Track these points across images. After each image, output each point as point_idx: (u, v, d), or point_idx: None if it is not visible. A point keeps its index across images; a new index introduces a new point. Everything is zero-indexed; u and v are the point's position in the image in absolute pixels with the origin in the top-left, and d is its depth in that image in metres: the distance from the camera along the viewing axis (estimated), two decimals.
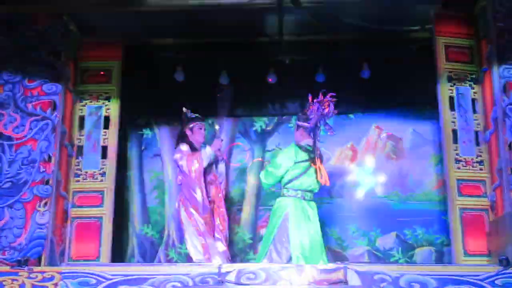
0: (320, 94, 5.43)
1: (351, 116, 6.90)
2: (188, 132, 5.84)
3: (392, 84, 6.50)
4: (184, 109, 5.94)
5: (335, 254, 6.38)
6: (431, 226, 6.42)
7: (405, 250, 6.41)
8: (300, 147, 5.49)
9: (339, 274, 3.88)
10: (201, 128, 5.90)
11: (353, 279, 3.85)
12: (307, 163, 5.41)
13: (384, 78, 6.50)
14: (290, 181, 5.39)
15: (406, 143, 6.79)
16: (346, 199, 6.69)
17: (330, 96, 5.37)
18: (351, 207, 6.66)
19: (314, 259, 4.95)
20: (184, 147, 5.71)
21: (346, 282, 3.84)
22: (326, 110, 5.41)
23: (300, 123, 5.61)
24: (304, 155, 5.41)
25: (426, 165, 6.63)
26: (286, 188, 5.40)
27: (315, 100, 5.41)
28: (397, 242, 6.47)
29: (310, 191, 5.43)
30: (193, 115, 5.92)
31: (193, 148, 5.74)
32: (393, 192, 6.64)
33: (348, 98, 6.71)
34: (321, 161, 5.46)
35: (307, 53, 6.60)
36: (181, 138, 5.85)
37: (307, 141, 5.51)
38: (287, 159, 5.44)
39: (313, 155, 5.41)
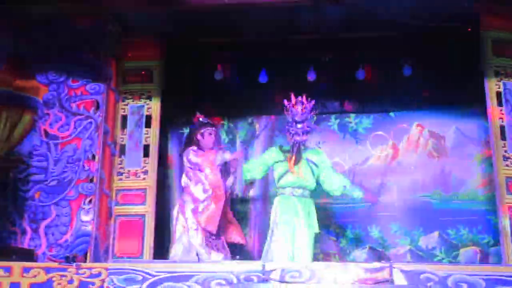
0: (292, 96, 5.68)
1: (392, 114, 6.82)
2: (199, 137, 5.91)
3: (434, 81, 6.40)
4: (197, 114, 6.03)
5: (376, 253, 6.32)
6: (476, 226, 6.30)
7: (448, 250, 6.31)
8: (281, 147, 5.86)
9: (384, 273, 3.84)
10: (211, 134, 5.93)
11: (399, 279, 3.80)
12: (285, 162, 5.64)
13: (426, 75, 6.40)
14: (278, 180, 5.67)
15: (449, 141, 6.68)
16: (387, 198, 6.60)
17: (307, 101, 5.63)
18: (392, 206, 6.57)
19: (297, 256, 5.11)
20: (195, 148, 5.83)
21: (391, 282, 3.79)
22: (296, 111, 5.66)
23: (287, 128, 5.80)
24: (284, 155, 5.70)
25: (470, 163, 6.52)
26: (277, 187, 5.71)
27: (286, 103, 5.72)
28: (440, 241, 6.37)
29: (300, 187, 5.55)
30: (206, 121, 6.00)
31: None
32: (435, 191, 6.54)
33: (389, 96, 6.67)
34: (296, 158, 5.58)
35: (347, 50, 6.53)
36: (190, 143, 5.95)
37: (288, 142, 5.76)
38: (264, 157, 5.87)
39: (291, 154, 5.60)
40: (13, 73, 5.66)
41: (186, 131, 7.01)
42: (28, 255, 4.94)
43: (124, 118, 6.02)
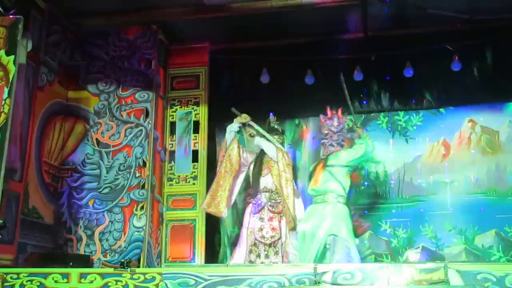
0: (328, 109, 5.74)
1: (442, 110, 6.66)
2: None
3: (485, 75, 6.24)
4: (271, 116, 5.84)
5: (430, 253, 6.18)
6: None
7: (506, 248, 6.10)
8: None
9: (439, 274, 3.74)
10: (251, 135, 5.75)
11: (455, 279, 3.70)
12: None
13: (476, 70, 6.25)
14: (313, 187, 5.64)
15: (503, 136, 6.47)
16: (440, 197, 6.45)
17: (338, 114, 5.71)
18: (445, 205, 6.41)
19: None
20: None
21: (447, 282, 3.70)
22: (333, 123, 5.75)
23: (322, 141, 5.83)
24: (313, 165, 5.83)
25: None
26: (313, 195, 5.64)
27: (322, 117, 5.78)
28: (497, 240, 6.17)
29: (331, 192, 5.48)
30: (276, 125, 5.77)
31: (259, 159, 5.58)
32: (490, 188, 6.34)
33: (438, 92, 6.53)
34: (324, 166, 5.59)
35: (394, 48, 6.43)
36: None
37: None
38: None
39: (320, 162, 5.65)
40: (65, 85, 5.84)
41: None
42: (85, 261, 5.09)
43: (173, 124, 6.13)
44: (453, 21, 5.91)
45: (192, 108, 6.13)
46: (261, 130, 5.54)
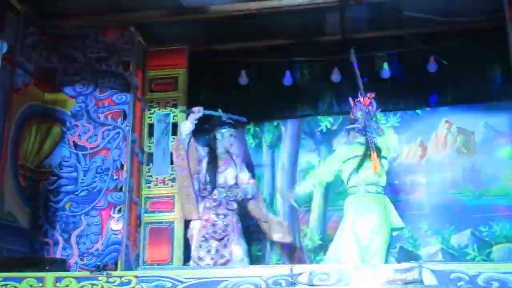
0: (359, 94, 5.35)
1: (419, 111, 6.74)
2: (218, 137, 5.58)
3: (461, 77, 6.32)
4: (220, 111, 5.64)
5: (407, 253, 6.25)
6: (509, 222, 6.17)
7: (481, 248, 6.19)
8: (351, 145, 5.40)
9: (414, 274, 3.78)
10: (231, 135, 5.61)
11: (429, 279, 3.74)
12: (359, 158, 5.23)
13: (452, 71, 6.33)
14: (349, 178, 5.22)
15: (478, 137, 6.57)
16: (416, 197, 6.53)
17: (369, 95, 5.31)
18: (422, 205, 6.49)
19: (371, 255, 4.87)
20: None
21: (421, 282, 3.74)
22: (370, 108, 5.32)
23: (349, 127, 5.47)
24: (356, 151, 5.24)
25: (500, 158, 6.39)
26: (349, 187, 5.25)
27: (355, 101, 5.33)
28: (473, 239, 6.26)
29: (373, 184, 5.17)
30: (229, 120, 5.62)
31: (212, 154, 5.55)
32: (466, 188, 6.43)
33: (415, 94, 6.60)
34: (378, 155, 5.18)
35: (371, 50, 6.49)
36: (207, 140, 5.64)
37: (357, 140, 5.38)
38: (337, 156, 5.39)
39: (368, 150, 5.25)
40: (41, 87, 5.79)
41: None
42: (61, 265, 5.05)
43: (151, 126, 6.12)
44: (429, 23, 5.97)
45: (171, 110, 6.12)
46: (221, 113, 5.53)
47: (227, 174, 5.46)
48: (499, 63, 5.81)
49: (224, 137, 5.56)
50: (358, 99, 5.34)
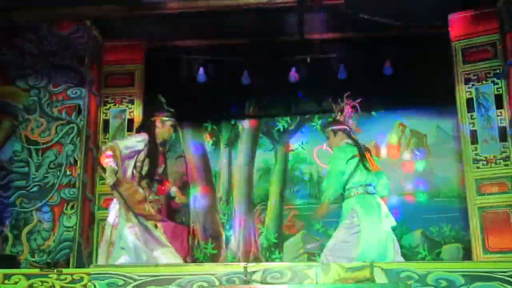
0: (346, 98, 5.31)
1: (374, 113, 6.86)
2: (158, 124, 4.78)
3: (415, 81, 6.45)
4: (160, 97, 5.02)
5: None
6: (458, 223, 6.34)
7: (431, 247, 6.36)
8: (343, 148, 5.20)
9: (365, 272, 3.85)
10: (172, 125, 4.89)
11: (380, 277, 3.82)
12: (356, 159, 5.26)
13: (407, 75, 6.46)
14: (347, 181, 5.04)
15: (431, 139, 6.74)
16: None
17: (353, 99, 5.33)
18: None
19: (383, 254, 4.77)
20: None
21: (372, 280, 3.81)
22: (353, 112, 5.30)
23: (336, 127, 5.43)
24: (351, 152, 5.09)
25: (451, 161, 6.56)
26: (347, 189, 5.06)
27: (348, 103, 5.26)
28: (423, 239, 6.42)
29: (370, 184, 5.01)
30: (169, 108, 4.95)
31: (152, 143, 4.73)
32: (417, 189, 6.59)
33: (370, 96, 6.68)
34: (370, 153, 5.14)
35: (329, 51, 6.57)
36: (145, 127, 4.83)
37: (346, 141, 5.37)
38: (343, 164, 5.07)
39: (360, 150, 5.26)
40: None
41: None
42: (11, 262, 4.93)
43: (106, 122, 6.02)
44: (386, 27, 6.08)
45: (127, 106, 6.04)
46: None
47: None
48: (448, 68, 5.95)
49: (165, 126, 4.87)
50: (351, 103, 5.28)
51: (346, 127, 5.23)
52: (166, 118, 4.85)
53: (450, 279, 3.80)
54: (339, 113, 5.29)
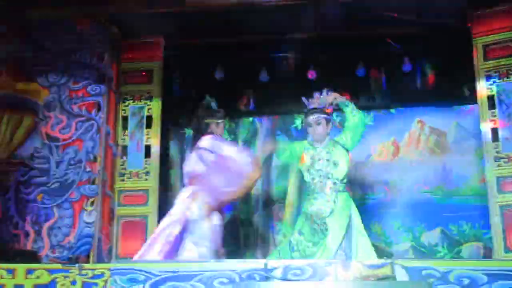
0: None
1: (392, 111, 6.83)
2: (213, 127, 5.32)
3: (434, 78, 6.40)
4: (208, 97, 5.54)
5: (379, 250, 6.31)
6: (478, 221, 6.29)
7: (451, 246, 6.32)
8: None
9: (386, 270, 3.83)
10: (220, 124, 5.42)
11: (401, 275, 3.79)
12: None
13: (426, 72, 6.41)
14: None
15: (450, 137, 6.68)
16: (389, 195, 6.61)
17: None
18: (394, 203, 6.58)
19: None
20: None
21: (394, 278, 3.79)
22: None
23: (329, 117, 5.52)
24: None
25: (471, 159, 6.51)
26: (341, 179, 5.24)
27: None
28: (443, 237, 6.38)
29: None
30: (219, 109, 5.46)
31: None
32: (437, 187, 6.54)
33: (389, 93, 6.67)
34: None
35: (346, 48, 6.53)
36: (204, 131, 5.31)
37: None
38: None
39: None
40: (13, 76, 5.68)
41: (187, 131, 7.03)
42: (32, 257, 4.97)
43: (125, 119, 6.04)
44: (405, 23, 6.03)
45: (145, 103, 6.06)
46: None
47: None
48: (468, 64, 5.90)
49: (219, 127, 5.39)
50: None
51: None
52: (220, 121, 5.33)
53: (472, 277, 3.76)
54: (329, 105, 5.41)
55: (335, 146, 5.28)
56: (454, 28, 6.07)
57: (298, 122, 6.97)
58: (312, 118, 5.36)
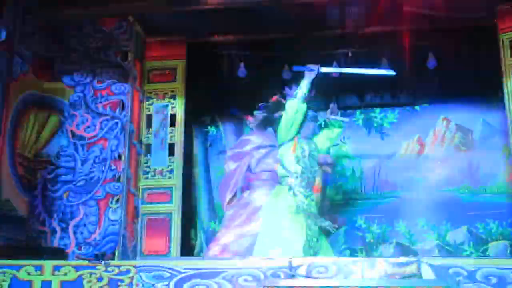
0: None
1: (417, 108, 6.75)
2: None
3: (460, 74, 6.32)
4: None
5: (403, 248, 6.27)
6: (505, 219, 6.20)
7: (477, 244, 6.23)
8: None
9: (412, 268, 3.80)
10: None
11: (427, 273, 3.76)
12: None
13: (452, 68, 6.32)
14: None
15: (476, 134, 6.59)
16: (414, 193, 6.54)
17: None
18: (419, 201, 6.51)
19: None
20: None
21: (420, 276, 3.75)
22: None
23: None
24: None
25: (498, 156, 6.41)
26: None
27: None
28: (469, 236, 6.29)
29: None
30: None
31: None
32: (463, 185, 6.46)
33: (413, 90, 6.61)
34: None
35: (370, 44, 6.48)
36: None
37: None
38: None
39: None
40: (39, 76, 5.75)
41: (211, 129, 7.05)
42: (58, 254, 5.03)
43: (149, 117, 6.09)
44: (429, 19, 5.97)
45: (169, 101, 6.10)
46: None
47: None
48: (495, 60, 5.81)
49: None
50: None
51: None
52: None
53: (500, 275, 3.71)
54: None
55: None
56: (481, 23, 5.99)
57: (322, 119, 6.92)
58: None
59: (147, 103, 6.12)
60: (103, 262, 3.88)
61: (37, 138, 5.62)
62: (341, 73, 6.50)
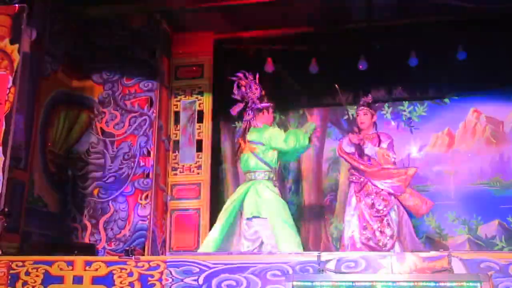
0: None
1: (447, 100, 6.65)
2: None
3: (489, 66, 6.20)
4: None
5: (434, 242, 6.19)
6: None
7: (509, 238, 6.12)
8: None
9: (443, 262, 3.75)
10: (366, 114, 5.49)
11: (458, 268, 3.71)
12: None
13: (481, 60, 6.22)
14: None
15: (508, 126, 6.46)
16: (443, 187, 6.45)
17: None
18: (449, 195, 6.42)
19: None
20: None
21: (451, 270, 3.71)
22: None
23: None
24: None
25: None
26: None
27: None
28: (500, 230, 6.18)
29: None
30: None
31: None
32: (494, 178, 6.34)
33: (443, 82, 6.51)
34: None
35: (399, 37, 6.40)
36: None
37: None
38: None
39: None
40: (69, 74, 5.84)
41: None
42: (90, 250, 5.10)
43: (177, 114, 6.13)
44: (458, 10, 5.87)
45: (196, 98, 6.13)
46: None
47: None
48: None
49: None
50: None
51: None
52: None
53: None
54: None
55: None
56: (509, 13, 5.87)
57: (349, 113, 6.87)
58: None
59: (175, 99, 6.16)
60: (133, 257, 3.91)
61: (67, 135, 5.71)
62: (369, 66, 6.46)
